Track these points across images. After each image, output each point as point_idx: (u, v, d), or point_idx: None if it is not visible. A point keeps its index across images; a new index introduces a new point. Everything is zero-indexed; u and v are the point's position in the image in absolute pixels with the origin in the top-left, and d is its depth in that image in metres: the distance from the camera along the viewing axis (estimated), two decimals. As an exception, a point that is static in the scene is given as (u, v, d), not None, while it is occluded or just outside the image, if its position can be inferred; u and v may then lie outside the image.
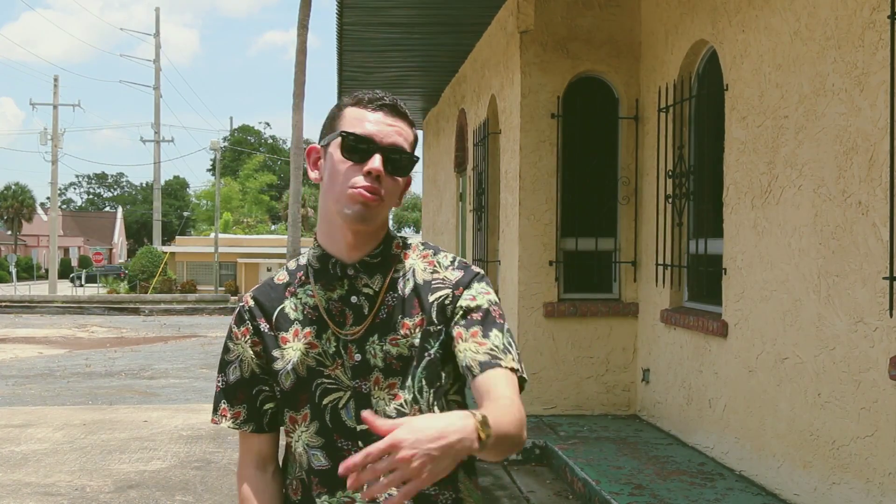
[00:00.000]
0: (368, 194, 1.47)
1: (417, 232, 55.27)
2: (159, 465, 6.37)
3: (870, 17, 3.97)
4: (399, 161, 1.51)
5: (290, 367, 1.54)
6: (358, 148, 1.49)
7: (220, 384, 1.62)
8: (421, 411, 1.51)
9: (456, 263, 1.60)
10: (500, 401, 1.40)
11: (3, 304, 25.76)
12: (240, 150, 60.86)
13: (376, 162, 1.47)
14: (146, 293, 30.87)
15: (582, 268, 7.19)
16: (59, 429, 7.66)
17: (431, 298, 1.54)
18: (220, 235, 35.61)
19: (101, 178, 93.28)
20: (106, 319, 22.86)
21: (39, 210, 60.79)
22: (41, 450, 6.84)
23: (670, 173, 6.39)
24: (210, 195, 49.99)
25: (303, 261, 1.62)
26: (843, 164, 4.17)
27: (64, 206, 79.35)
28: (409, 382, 1.52)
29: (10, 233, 58.17)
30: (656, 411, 6.63)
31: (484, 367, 1.46)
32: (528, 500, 5.38)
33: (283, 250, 29.75)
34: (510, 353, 1.50)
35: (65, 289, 37.16)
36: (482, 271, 1.62)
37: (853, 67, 4.10)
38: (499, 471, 5.97)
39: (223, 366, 1.62)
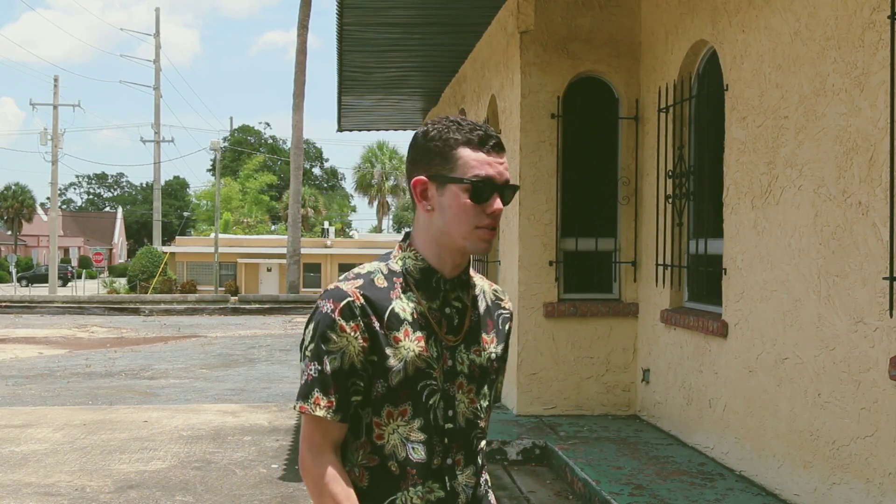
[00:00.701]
0: (491, 231, 1.68)
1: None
2: (159, 465, 6.37)
3: (870, 17, 3.97)
4: (510, 195, 1.71)
5: (402, 365, 1.66)
6: (484, 192, 1.66)
7: (313, 373, 1.65)
8: (488, 418, 1.80)
9: (505, 296, 1.89)
10: None
11: (4, 304, 25.77)
12: (240, 150, 60.87)
13: (499, 203, 1.67)
14: (146, 293, 30.87)
15: (582, 268, 7.19)
16: (60, 429, 7.66)
17: (505, 327, 1.82)
18: (220, 235, 35.60)
19: (101, 178, 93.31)
20: (106, 319, 22.86)
21: (39, 210, 60.80)
22: (41, 450, 6.84)
23: (670, 173, 6.39)
24: (210, 195, 49.99)
25: (395, 267, 1.73)
26: (843, 164, 4.17)
27: (64, 207, 79.35)
28: (485, 390, 1.77)
29: (10, 233, 58.17)
30: (656, 411, 6.63)
31: (499, 398, 1.88)
32: (529, 501, 5.38)
33: (283, 250, 29.73)
34: None
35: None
36: None
37: (853, 67, 4.10)
38: (499, 471, 5.97)
39: (319, 355, 1.65)
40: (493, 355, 1.77)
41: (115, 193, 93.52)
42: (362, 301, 1.66)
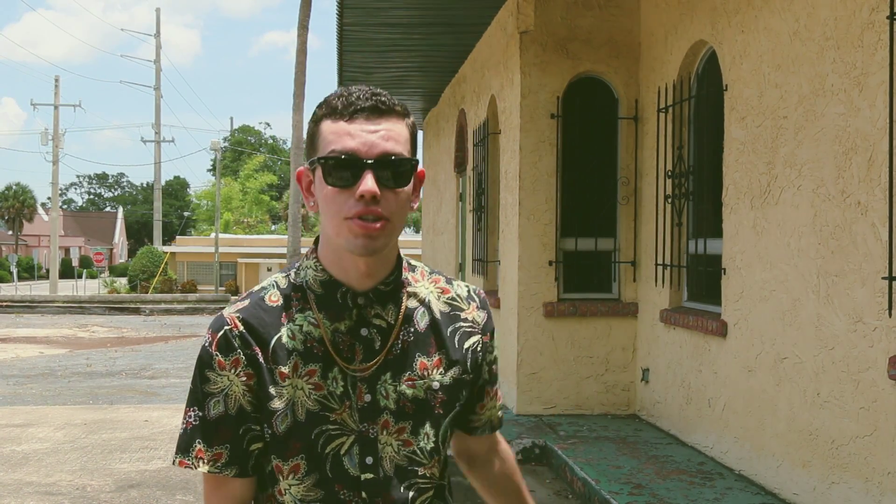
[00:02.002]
0: (368, 223, 1.27)
1: (417, 232, 55.25)
2: (160, 464, 6.38)
3: (869, 17, 3.98)
4: (396, 171, 1.29)
5: (289, 408, 1.31)
6: (343, 171, 1.27)
7: (192, 420, 1.34)
8: (439, 462, 1.40)
9: (476, 298, 1.47)
10: (520, 480, 1.63)
11: (4, 303, 25.78)
12: (240, 150, 60.88)
13: (368, 183, 1.25)
14: (147, 293, 30.89)
15: (581, 268, 7.20)
16: (60, 428, 7.67)
17: (465, 344, 1.41)
18: (221, 235, 35.63)
19: (101, 178, 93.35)
20: (107, 319, 22.88)
21: (40, 210, 60.81)
22: (42, 449, 6.85)
23: (670, 173, 6.40)
24: (210, 195, 50.00)
25: (296, 279, 1.38)
26: (842, 164, 4.18)
27: (65, 207, 79.38)
28: (427, 429, 1.36)
29: (11, 233, 58.20)
30: (656, 411, 6.64)
31: (500, 423, 1.57)
32: (528, 500, 5.39)
33: (284, 250, 29.76)
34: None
35: (66, 288, 37.18)
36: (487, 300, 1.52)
37: (852, 68, 4.10)
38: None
39: (199, 398, 1.34)
40: (436, 384, 1.36)
41: (116, 193, 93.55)
42: (241, 328, 1.33)
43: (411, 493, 1.36)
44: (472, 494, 5.53)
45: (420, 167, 1.37)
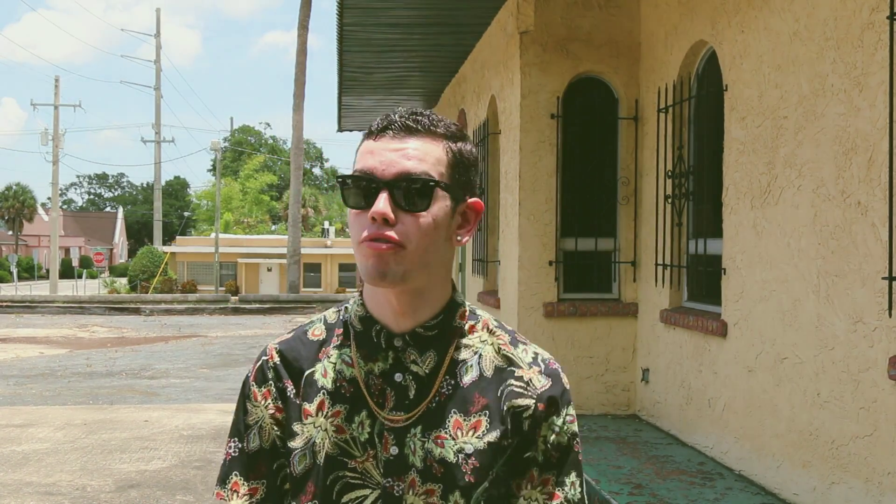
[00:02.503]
0: (376, 244, 1.16)
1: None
2: (160, 464, 6.38)
3: (869, 17, 3.98)
4: (411, 191, 1.16)
5: (309, 448, 1.23)
6: (359, 191, 1.18)
7: (232, 451, 1.29)
8: None
9: (541, 364, 1.27)
10: None
11: (5, 304, 25.78)
12: (240, 150, 60.88)
13: (379, 204, 1.15)
14: (147, 293, 30.89)
15: (581, 268, 7.20)
16: (60, 428, 7.67)
17: (506, 404, 1.23)
18: (221, 235, 35.63)
19: (101, 178, 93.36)
20: (107, 319, 22.87)
21: (40, 210, 60.82)
22: (42, 449, 6.85)
23: (670, 173, 6.40)
24: (210, 195, 50.00)
25: (345, 314, 1.30)
26: (842, 164, 4.18)
27: (65, 207, 79.37)
28: (458, 498, 1.20)
29: (11, 233, 58.19)
30: (656, 411, 6.64)
31: None
32: (528, 500, 5.39)
33: (284, 250, 29.76)
34: (585, 500, 1.28)
35: (65, 288, 37.18)
36: (568, 384, 1.29)
37: (852, 68, 4.10)
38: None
39: (240, 430, 1.29)
40: (470, 448, 1.20)
41: (116, 193, 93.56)
42: (277, 360, 1.28)
43: None
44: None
45: (475, 199, 1.25)
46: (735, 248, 5.33)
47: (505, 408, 1.22)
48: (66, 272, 49.52)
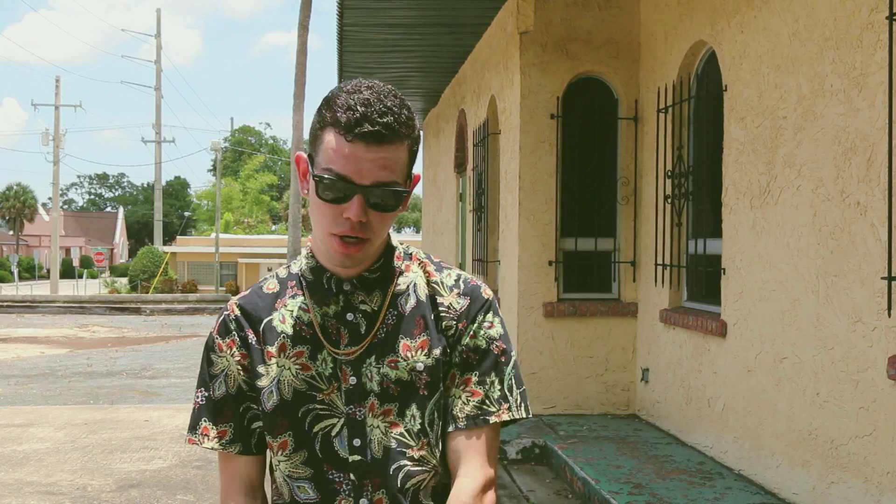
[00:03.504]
0: (350, 244, 1.33)
1: (417, 232, 55.28)
2: (160, 464, 6.39)
3: (868, 17, 3.98)
4: (385, 198, 1.32)
5: (274, 385, 1.39)
6: (334, 190, 1.31)
7: (200, 400, 1.46)
8: (429, 445, 1.40)
9: (462, 287, 1.45)
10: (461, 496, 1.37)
11: (5, 303, 25.79)
12: (240, 150, 60.88)
13: (355, 209, 1.31)
14: (147, 293, 30.90)
15: (581, 268, 7.21)
16: (61, 428, 7.68)
17: (440, 326, 1.42)
18: (221, 236, 35.64)
19: (102, 178, 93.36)
20: (107, 319, 22.89)
21: (41, 210, 60.82)
22: (43, 449, 6.86)
23: (669, 173, 6.40)
24: (211, 195, 50.01)
25: (294, 269, 1.47)
26: (841, 164, 4.19)
27: (65, 207, 79.39)
28: (413, 410, 1.38)
29: (11, 233, 58.22)
30: (655, 411, 6.64)
31: (469, 422, 1.39)
32: (528, 500, 5.40)
33: (284, 250, 29.77)
34: (509, 398, 1.42)
35: (66, 288, 37.21)
36: (489, 296, 1.46)
37: (852, 68, 4.11)
38: (499, 470, 5.99)
39: (206, 380, 1.45)
40: (420, 365, 1.38)
41: (117, 193, 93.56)
42: (237, 313, 1.45)
43: (401, 476, 1.38)
44: None
45: (416, 173, 1.41)
46: (734, 248, 5.33)
47: (439, 330, 1.42)
48: (67, 272, 49.53)
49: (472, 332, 1.42)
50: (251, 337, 1.43)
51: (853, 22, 4.10)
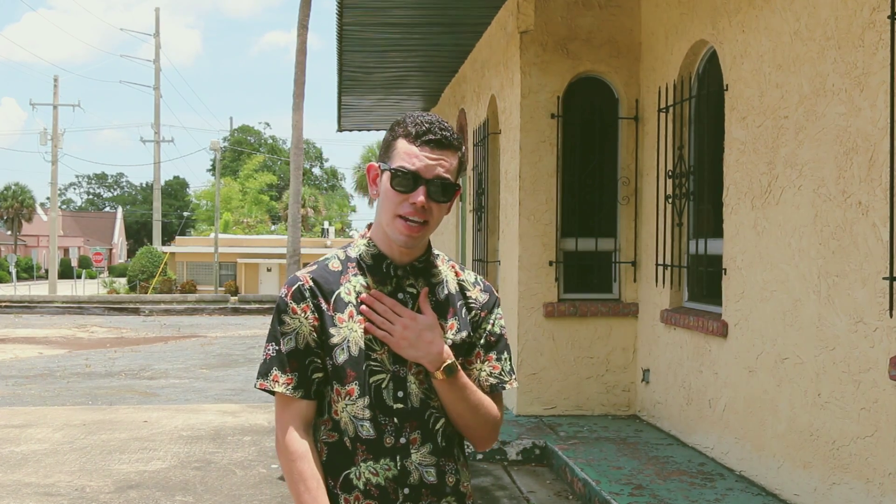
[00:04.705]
0: (412, 225, 1.74)
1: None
2: (159, 465, 6.37)
3: (870, 17, 3.97)
4: (442, 191, 1.75)
5: (345, 344, 1.76)
6: (405, 182, 1.74)
7: (271, 352, 1.78)
8: (439, 399, 1.82)
9: (482, 284, 1.91)
10: (489, 403, 1.85)
11: (3, 304, 25.76)
12: (240, 150, 60.84)
13: (420, 195, 1.73)
14: (146, 293, 30.87)
15: (582, 268, 7.19)
16: (59, 429, 7.66)
17: (468, 316, 1.86)
18: (220, 236, 35.60)
19: (101, 178, 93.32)
20: (106, 319, 22.86)
21: (39, 210, 60.78)
22: (41, 450, 6.84)
23: (670, 173, 6.39)
24: (210, 195, 49.98)
25: (353, 253, 1.84)
26: (843, 164, 4.17)
27: (64, 207, 79.35)
28: (435, 374, 1.79)
29: (9, 233, 58.17)
30: (656, 411, 6.63)
31: (493, 388, 1.86)
32: (529, 501, 5.38)
33: (283, 250, 29.70)
34: (513, 372, 1.91)
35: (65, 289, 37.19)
36: (497, 293, 1.93)
37: (853, 68, 4.10)
38: (499, 471, 5.98)
39: (276, 336, 1.78)
40: (450, 341, 1.80)
41: (115, 193, 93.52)
42: (311, 283, 1.79)
43: (431, 420, 1.79)
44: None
45: (458, 186, 1.80)
46: (735, 248, 5.32)
47: (466, 317, 1.85)
48: (65, 272, 49.49)
49: (491, 321, 1.88)
50: (324, 305, 1.78)
51: (854, 21, 4.09)
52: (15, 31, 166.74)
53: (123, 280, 37.48)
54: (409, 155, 1.74)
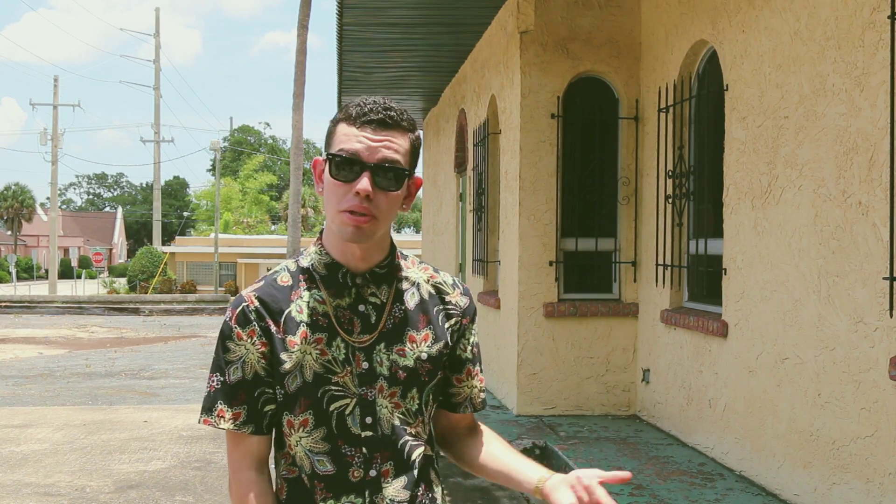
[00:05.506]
0: (359, 217, 1.49)
1: (417, 232, 55.25)
2: (159, 465, 6.37)
3: (870, 17, 3.97)
4: (390, 176, 1.50)
5: (297, 370, 1.53)
6: (345, 168, 1.50)
7: (215, 384, 1.56)
8: (423, 423, 1.61)
9: (460, 287, 1.70)
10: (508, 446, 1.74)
11: (3, 304, 25.76)
12: (240, 150, 60.85)
13: (363, 182, 1.48)
14: (146, 293, 30.87)
15: (582, 268, 7.19)
16: (59, 429, 7.66)
17: (446, 323, 1.64)
18: (220, 236, 35.61)
19: (101, 178, 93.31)
20: (106, 319, 22.86)
21: (39, 210, 60.78)
22: (41, 450, 6.84)
23: (670, 173, 6.39)
24: (210, 195, 49.98)
25: (304, 263, 1.61)
26: (843, 164, 4.17)
27: (64, 207, 79.35)
28: (413, 393, 1.58)
29: (10, 233, 58.17)
30: (656, 411, 6.63)
31: (483, 404, 1.73)
32: (528, 500, 5.38)
33: (283, 250, 29.74)
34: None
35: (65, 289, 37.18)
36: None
37: (853, 67, 4.10)
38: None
39: (221, 366, 1.56)
40: (424, 355, 1.59)
41: (115, 193, 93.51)
42: (256, 304, 1.56)
43: (406, 449, 1.58)
44: (472, 495, 5.51)
45: (418, 176, 1.59)
46: (736, 248, 5.32)
47: (443, 325, 1.63)
48: (65, 272, 49.49)
49: (473, 330, 1.69)
50: (272, 327, 1.55)
51: (855, 21, 4.09)
52: (15, 31, 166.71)
53: (123, 280, 37.48)
54: (347, 137, 1.51)
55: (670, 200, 6.39)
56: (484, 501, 5.33)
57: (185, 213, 70.48)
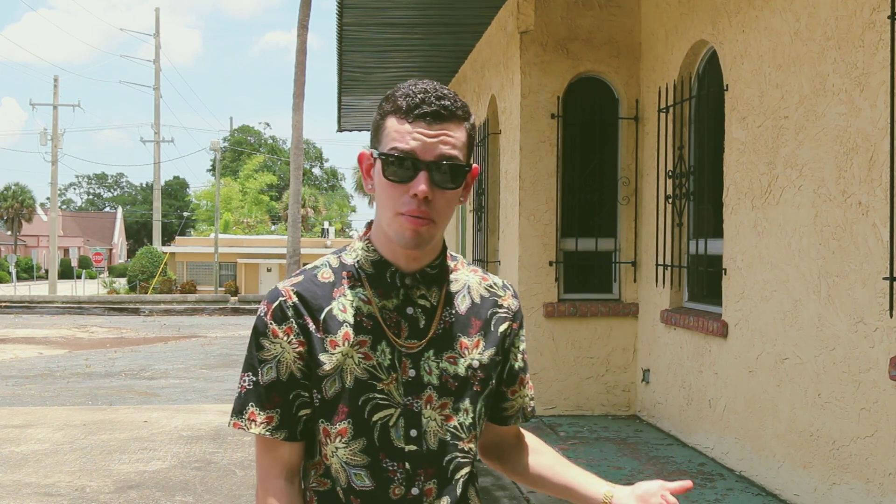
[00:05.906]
0: (417, 219, 1.36)
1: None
2: (159, 465, 6.37)
3: (870, 17, 3.97)
4: (448, 174, 1.37)
5: (337, 374, 1.40)
6: (400, 169, 1.36)
7: (247, 385, 1.44)
8: (475, 438, 1.48)
9: (510, 288, 1.58)
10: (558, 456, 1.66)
11: (3, 304, 25.76)
12: (240, 150, 60.85)
13: (421, 184, 1.35)
14: (146, 293, 30.88)
15: (582, 268, 7.19)
16: (59, 429, 7.66)
17: (499, 329, 1.51)
18: (220, 236, 35.61)
19: (101, 178, 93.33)
20: (106, 320, 22.86)
21: (39, 210, 60.79)
22: (41, 450, 6.84)
23: (670, 173, 6.39)
24: (210, 195, 49.98)
25: (348, 260, 1.48)
26: (843, 164, 4.17)
27: (64, 207, 79.37)
28: (466, 405, 1.45)
29: (9, 233, 58.18)
30: (656, 412, 6.63)
31: (533, 413, 1.63)
32: (528, 500, 5.38)
33: (283, 251, 29.74)
34: None
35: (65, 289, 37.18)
36: None
37: (853, 68, 4.10)
38: (499, 471, 5.97)
39: (254, 365, 1.43)
40: (476, 363, 1.46)
41: (115, 193, 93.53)
42: (295, 299, 1.43)
43: (451, 467, 1.44)
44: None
45: (475, 165, 1.45)
46: (736, 248, 5.32)
47: (496, 330, 1.50)
48: (65, 272, 49.49)
49: (523, 336, 1.58)
50: (311, 325, 1.42)
51: (855, 21, 4.09)
52: (15, 31, 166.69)
53: (123, 280, 37.49)
54: (400, 134, 1.36)
55: (670, 200, 6.39)
56: (484, 501, 5.33)
57: (185, 214, 70.48)
